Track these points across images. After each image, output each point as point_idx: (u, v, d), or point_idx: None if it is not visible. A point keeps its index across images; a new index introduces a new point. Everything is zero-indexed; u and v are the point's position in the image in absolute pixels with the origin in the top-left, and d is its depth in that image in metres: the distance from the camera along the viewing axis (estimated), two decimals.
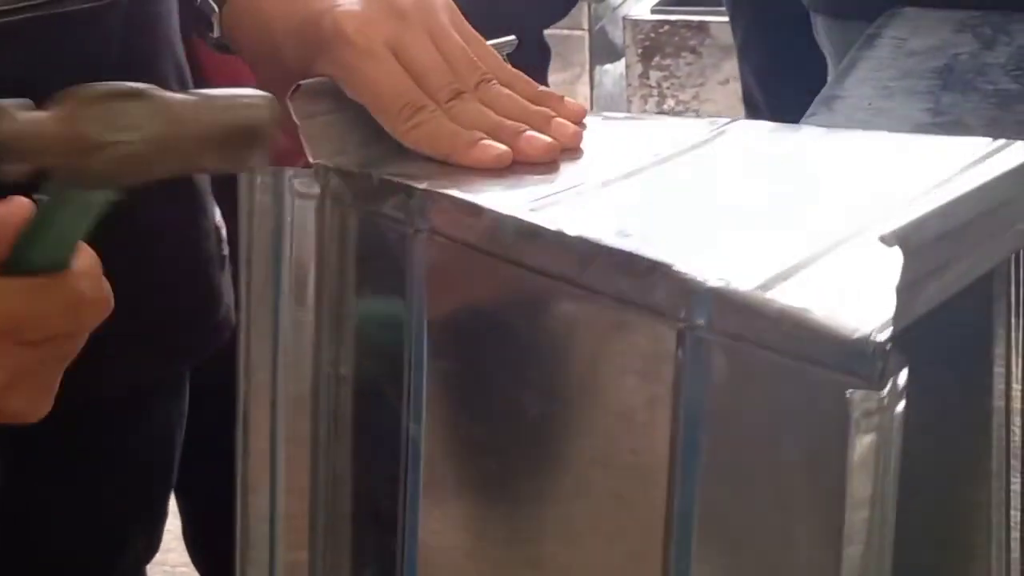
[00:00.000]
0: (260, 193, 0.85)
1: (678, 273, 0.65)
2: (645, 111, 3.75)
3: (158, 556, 2.31)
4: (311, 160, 0.84)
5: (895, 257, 0.58)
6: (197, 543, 1.91)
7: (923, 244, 0.61)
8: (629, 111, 3.75)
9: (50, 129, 0.62)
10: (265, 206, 0.85)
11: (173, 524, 1.94)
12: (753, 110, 2.89)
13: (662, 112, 3.75)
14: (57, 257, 0.69)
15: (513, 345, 0.75)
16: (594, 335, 0.70)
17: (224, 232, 1.13)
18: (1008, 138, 0.81)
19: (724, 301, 0.63)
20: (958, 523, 0.80)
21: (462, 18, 0.91)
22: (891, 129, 1.56)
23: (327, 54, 0.86)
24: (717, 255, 0.67)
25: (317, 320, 0.85)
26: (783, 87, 2.79)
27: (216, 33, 0.94)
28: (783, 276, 0.64)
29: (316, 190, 0.84)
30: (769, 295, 0.62)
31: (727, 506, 0.64)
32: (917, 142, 0.92)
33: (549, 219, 0.72)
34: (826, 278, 0.65)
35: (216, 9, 0.92)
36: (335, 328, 0.85)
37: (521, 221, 0.72)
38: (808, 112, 1.68)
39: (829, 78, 1.94)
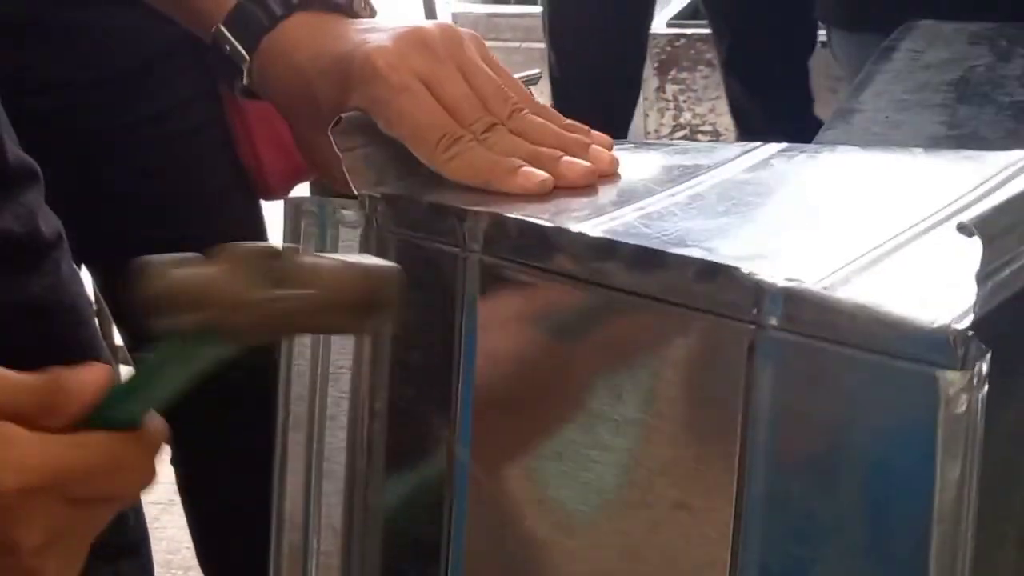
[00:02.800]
0: (305, 223, 0.89)
1: (747, 275, 0.69)
2: (662, 124, 3.78)
3: (179, 574, 2.32)
4: (355, 191, 0.88)
5: (969, 247, 0.63)
6: (208, 551, 1.91)
7: (1000, 232, 0.66)
8: (645, 125, 3.77)
9: (212, 283, 0.65)
10: (310, 236, 0.89)
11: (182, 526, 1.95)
12: (742, 121, 2.92)
13: (679, 125, 3.76)
14: (137, 415, 0.72)
15: (572, 362, 0.79)
16: (660, 345, 0.74)
17: None
18: None
19: (796, 300, 0.67)
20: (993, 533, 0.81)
21: (488, 50, 0.96)
22: (907, 142, 1.57)
23: (360, 90, 0.91)
24: (781, 257, 0.72)
25: (358, 352, 0.89)
26: (768, 101, 2.82)
27: (245, 81, 0.97)
28: (852, 273, 0.69)
29: (361, 220, 0.88)
30: (841, 293, 0.66)
31: (803, 504, 0.69)
32: (953, 156, 0.95)
33: (605, 230, 0.76)
34: (895, 274, 0.70)
35: (247, 58, 0.93)
36: (375, 360, 0.88)
37: (586, 236, 0.76)
38: (825, 126, 1.70)
39: (844, 92, 1.94)
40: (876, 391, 0.65)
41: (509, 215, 0.80)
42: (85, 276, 1.74)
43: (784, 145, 0.95)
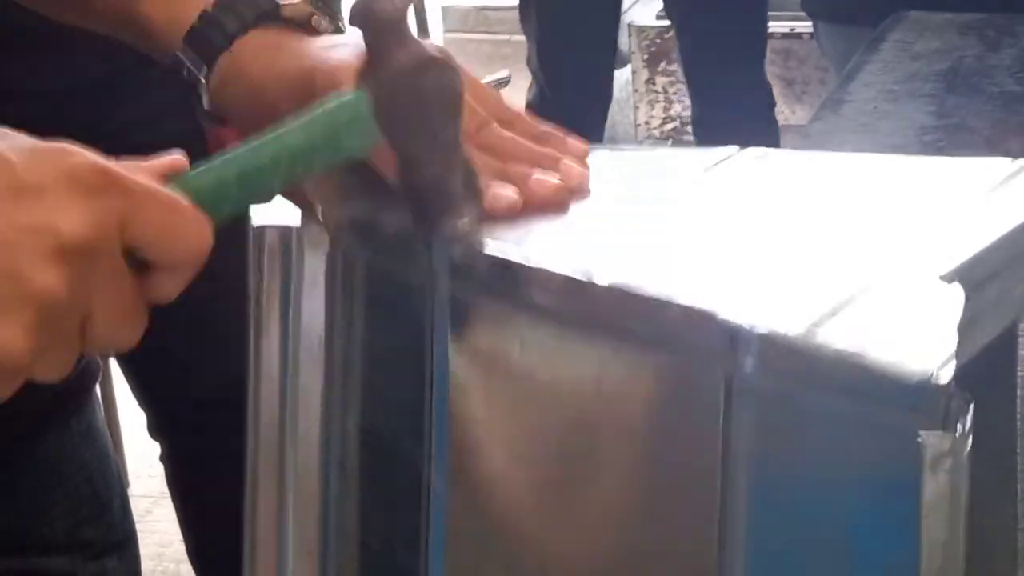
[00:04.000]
0: (269, 247, 0.88)
1: (723, 320, 0.67)
2: (652, 116, 3.77)
3: (171, 567, 2.31)
4: (319, 216, 0.86)
5: (948, 292, 0.62)
6: (198, 547, 1.90)
7: (981, 281, 0.65)
8: (636, 117, 3.76)
9: None
10: (274, 260, 0.88)
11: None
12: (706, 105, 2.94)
13: (669, 117, 3.74)
14: (213, 197, 0.72)
15: (546, 393, 0.77)
16: (637, 384, 0.72)
17: None
18: (1012, 139, 0.80)
19: (774, 346, 0.65)
20: (982, 548, 0.79)
21: (452, 60, 0.90)
22: (896, 132, 1.55)
23: None
24: (758, 296, 0.70)
25: (327, 374, 0.87)
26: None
27: (205, 105, 0.95)
28: (829, 315, 0.66)
29: (326, 243, 0.86)
30: (820, 338, 0.64)
31: (787, 554, 0.67)
32: (932, 164, 0.95)
33: (577, 266, 0.74)
34: (873, 316, 0.68)
35: (203, 81, 0.90)
36: (344, 383, 0.87)
37: (557, 275, 0.74)
38: (813, 116, 1.68)
39: (830, 87, 1.94)
40: (856, 442, 0.64)
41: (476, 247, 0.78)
42: None
43: (760, 151, 0.92)
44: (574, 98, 2.84)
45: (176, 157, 0.74)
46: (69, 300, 0.66)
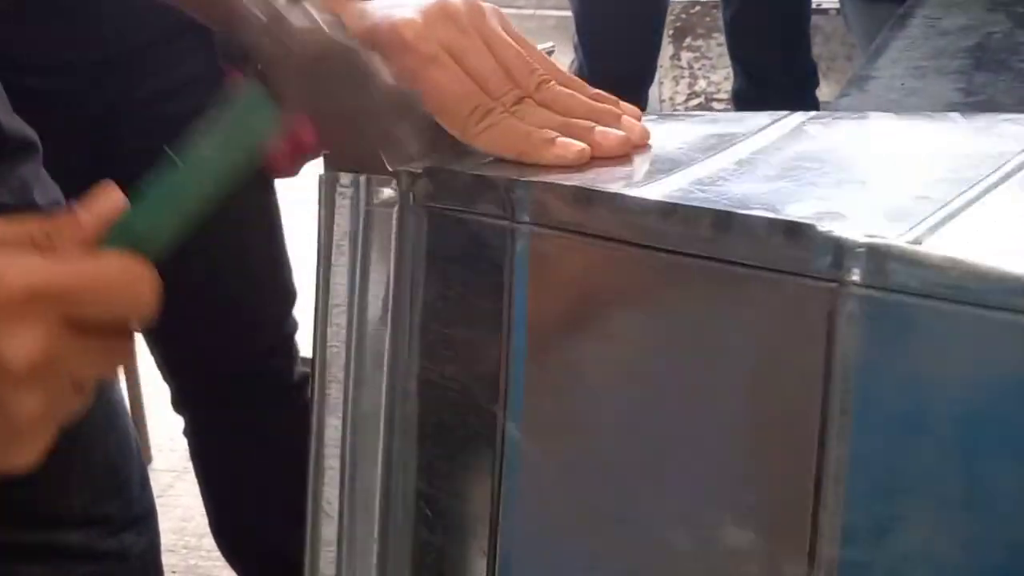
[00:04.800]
0: (339, 200, 0.86)
1: (826, 232, 0.67)
2: (676, 92, 3.76)
3: (193, 541, 2.32)
4: (388, 167, 0.86)
5: None
6: (220, 522, 1.90)
7: None
8: (660, 93, 3.75)
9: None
10: (344, 214, 0.86)
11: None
12: (747, 78, 2.92)
13: (694, 93, 3.73)
14: (152, 234, 0.73)
15: (633, 333, 0.76)
16: (731, 309, 0.72)
17: None
18: None
19: (880, 256, 0.65)
20: None
21: (510, 23, 0.94)
22: (924, 108, 1.56)
23: (388, 63, 0.87)
24: (853, 215, 0.70)
25: (394, 331, 0.86)
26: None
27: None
28: (931, 227, 0.67)
29: (396, 196, 0.85)
30: (925, 247, 0.65)
31: (888, 462, 0.67)
32: (985, 120, 0.94)
33: (663, 196, 0.74)
34: (974, 226, 0.68)
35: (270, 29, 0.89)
36: (410, 338, 0.86)
37: (648, 200, 0.74)
38: (840, 93, 1.67)
39: (857, 64, 1.92)
40: (967, 342, 0.64)
41: (556, 182, 0.78)
42: None
43: (814, 113, 0.93)
44: (613, 74, 2.82)
45: (112, 202, 0.74)
46: (51, 401, 0.68)
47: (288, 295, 1.77)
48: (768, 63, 2.89)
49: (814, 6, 3.51)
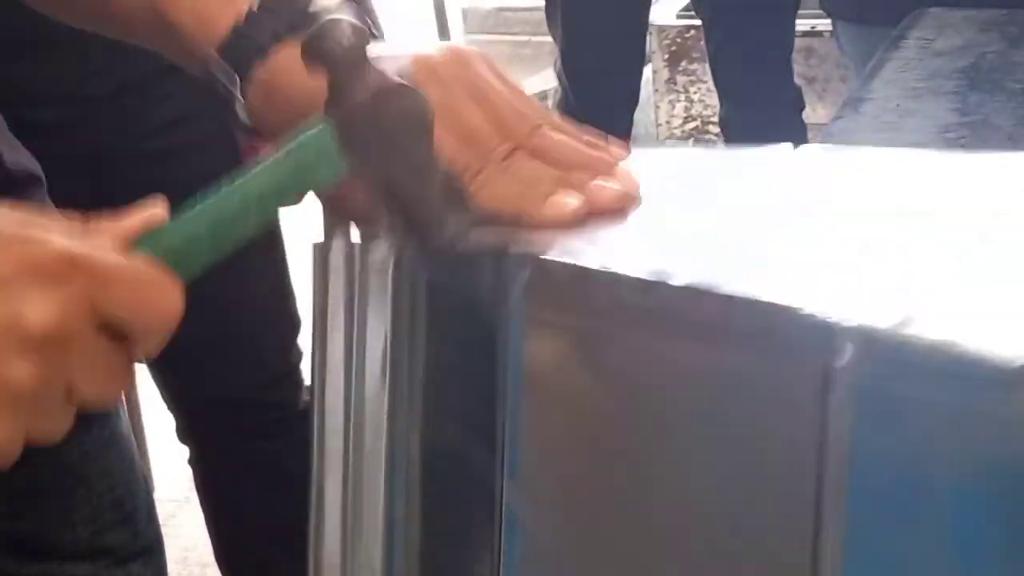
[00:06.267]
0: (334, 265, 0.85)
1: (817, 316, 0.66)
2: (673, 116, 3.75)
3: (197, 571, 2.31)
4: (382, 233, 0.84)
5: None
6: (225, 551, 1.90)
7: None
8: (656, 117, 3.73)
9: None
10: (339, 278, 0.85)
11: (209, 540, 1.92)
12: (733, 105, 2.92)
13: (689, 116, 3.73)
14: (186, 255, 0.72)
15: (626, 402, 0.75)
16: (722, 385, 0.70)
17: None
18: None
19: (869, 339, 0.64)
20: None
21: (499, 68, 0.91)
22: (919, 130, 1.53)
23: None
24: (843, 289, 0.69)
25: (392, 393, 0.85)
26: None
27: (242, 116, 0.93)
28: (922, 307, 0.65)
29: (391, 260, 0.84)
30: (915, 329, 0.63)
31: (884, 546, 0.66)
32: (980, 160, 0.93)
33: (656, 269, 0.72)
34: (966, 305, 0.67)
35: (240, 98, 0.88)
36: (409, 400, 0.85)
37: (636, 280, 0.72)
38: (835, 115, 1.67)
39: (852, 85, 1.92)
40: (956, 429, 0.62)
41: (549, 257, 0.77)
42: None
43: (812, 149, 0.91)
44: (599, 102, 2.82)
45: (153, 212, 0.73)
46: (43, 385, 0.66)
47: (293, 323, 1.77)
48: (754, 90, 2.90)
49: (808, 28, 3.52)
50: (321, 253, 0.84)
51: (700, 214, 0.82)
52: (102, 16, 1.00)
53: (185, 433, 1.82)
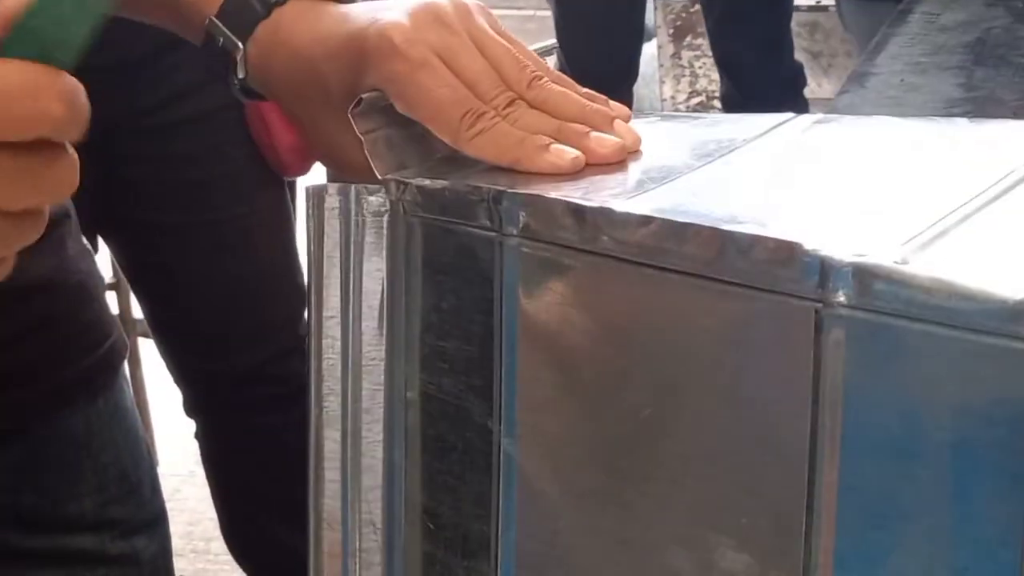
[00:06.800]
0: (328, 211, 0.84)
1: (811, 251, 0.65)
2: (678, 91, 3.75)
3: (201, 545, 2.31)
4: (378, 176, 0.84)
5: None
6: (232, 525, 1.89)
7: None
8: (661, 92, 3.73)
9: None
10: (333, 226, 0.84)
11: (214, 513, 1.92)
12: (733, 82, 2.93)
13: (695, 92, 3.72)
14: (60, 39, 0.62)
15: (623, 349, 0.74)
16: (719, 327, 0.69)
17: None
18: None
19: (866, 276, 0.63)
20: None
21: (498, 21, 0.91)
22: (924, 105, 1.52)
23: (375, 69, 0.86)
24: (843, 231, 0.68)
25: (390, 342, 0.84)
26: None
27: (241, 74, 0.91)
28: (921, 245, 0.65)
29: (386, 205, 0.83)
30: (912, 267, 0.62)
31: (879, 488, 0.65)
32: (994, 126, 0.91)
33: (655, 208, 0.72)
34: (965, 244, 0.66)
35: (240, 47, 0.87)
36: (407, 349, 0.84)
37: (634, 215, 0.72)
38: (840, 90, 1.66)
39: (856, 61, 1.91)
40: (956, 367, 0.61)
41: (546, 195, 0.76)
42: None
43: (817, 116, 0.90)
44: (595, 75, 2.82)
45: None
46: None
47: (301, 296, 1.76)
48: (753, 67, 2.90)
49: (813, 3, 3.51)
50: (316, 197, 0.83)
51: (700, 164, 0.81)
52: None
53: (192, 407, 1.82)
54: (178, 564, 1.30)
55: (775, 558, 0.68)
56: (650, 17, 3.61)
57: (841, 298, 0.63)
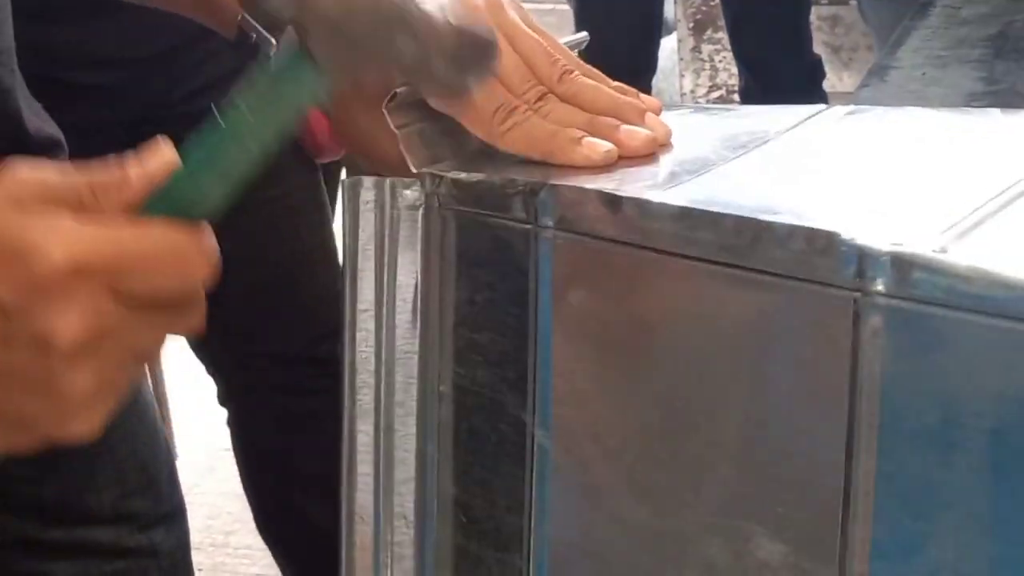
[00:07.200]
0: (363, 204, 0.84)
1: (849, 241, 0.65)
2: (698, 85, 3.74)
3: (220, 539, 2.32)
4: (413, 169, 0.84)
5: None
6: (271, 522, 1.89)
7: None
8: (681, 86, 3.72)
9: None
10: (368, 219, 0.84)
11: (233, 507, 1.92)
12: (752, 76, 2.92)
13: (715, 85, 3.71)
14: (200, 199, 0.69)
15: (657, 336, 0.74)
16: (757, 317, 0.69)
17: None
18: None
19: (904, 265, 0.63)
20: None
21: (528, 14, 0.91)
22: (945, 98, 1.52)
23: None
24: (881, 220, 0.67)
25: (424, 335, 0.84)
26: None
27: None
28: (959, 234, 0.65)
29: (421, 199, 0.83)
30: (951, 256, 0.62)
31: (917, 477, 0.65)
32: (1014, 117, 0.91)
33: (692, 199, 0.72)
34: (1003, 233, 0.66)
35: (273, 41, 0.87)
36: (440, 342, 0.84)
37: (671, 206, 0.72)
38: (861, 83, 1.65)
39: (877, 54, 1.90)
40: (994, 355, 0.61)
41: (583, 187, 0.76)
42: None
43: (850, 108, 0.90)
44: (614, 69, 2.81)
45: (163, 159, 0.70)
46: (102, 381, 0.65)
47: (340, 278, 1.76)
48: (772, 61, 2.90)
49: None
50: (352, 190, 0.84)
51: (734, 156, 0.81)
52: None
53: (227, 395, 1.82)
54: (197, 558, 1.30)
55: (811, 547, 0.68)
56: (669, 11, 3.61)
57: (879, 287, 0.63)
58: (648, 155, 0.83)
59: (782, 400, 0.69)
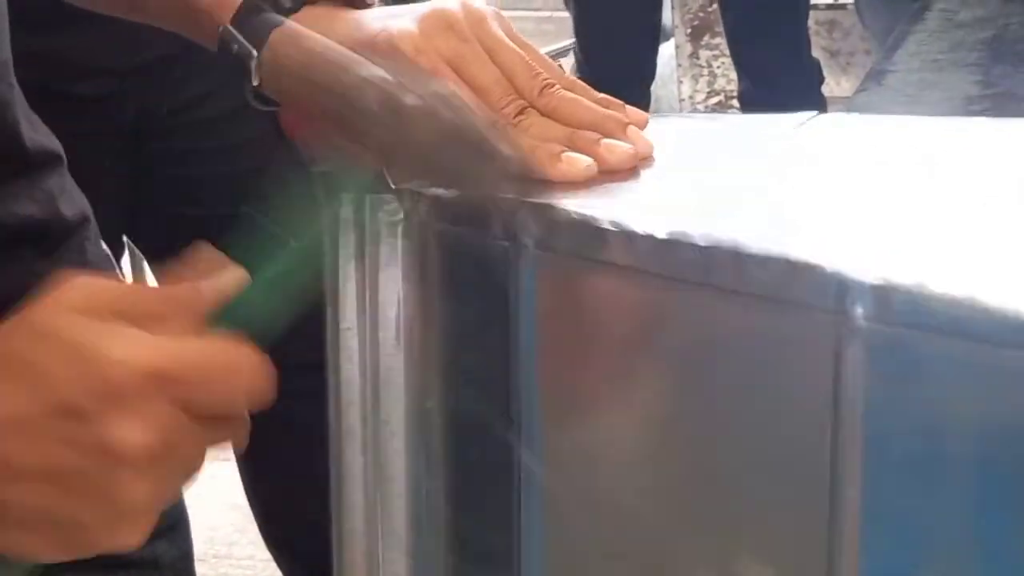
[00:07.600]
0: (343, 224, 0.83)
1: (829, 268, 0.63)
2: (696, 91, 3.74)
3: (223, 550, 2.31)
4: (392, 186, 0.82)
5: None
6: (277, 533, 1.87)
7: None
8: (679, 92, 3.72)
9: None
10: (349, 236, 0.83)
11: (235, 518, 1.91)
12: (751, 81, 2.93)
13: (713, 91, 3.71)
14: (266, 317, 0.71)
15: (639, 358, 0.73)
16: (737, 338, 0.68)
17: None
18: None
19: (885, 291, 0.62)
20: None
21: (511, 27, 0.90)
22: (942, 102, 1.51)
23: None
24: (861, 243, 0.67)
25: (408, 353, 0.83)
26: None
27: (255, 81, 0.90)
28: (940, 258, 0.64)
29: (400, 216, 0.82)
30: (932, 285, 0.60)
31: (902, 506, 0.63)
32: (1004, 125, 0.88)
33: (671, 227, 0.70)
34: (985, 256, 0.65)
35: (255, 54, 0.86)
36: (425, 360, 0.83)
37: (652, 236, 0.70)
38: (858, 87, 1.65)
39: (875, 58, 1.90)
40: (977, 382, 0.59)
41: (562, 207, 0.74)
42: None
43: (838, 117, 0.89)
44: (612, 76, 2.82)
45: (229, 280, 0.71)
46: (154, 485, 0.66)
47: None
48: (771, 66, 2.90)
49: (832, 1, 3.51)
50: (331, 208, 0.81)
51: (715, 173, 0.80)
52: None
53: None
54: (200, 569, 1.30)
55: (799, 574, 0.67)
56: (667, 17, 3.60)
57: (860, 313, 0.62)
58: (628, 169, 0.82)
59: (768, 425, 0.67)
